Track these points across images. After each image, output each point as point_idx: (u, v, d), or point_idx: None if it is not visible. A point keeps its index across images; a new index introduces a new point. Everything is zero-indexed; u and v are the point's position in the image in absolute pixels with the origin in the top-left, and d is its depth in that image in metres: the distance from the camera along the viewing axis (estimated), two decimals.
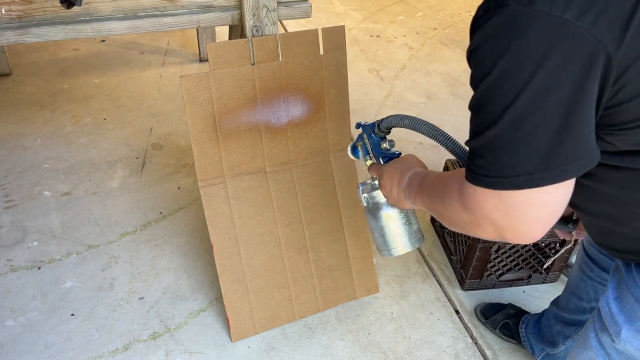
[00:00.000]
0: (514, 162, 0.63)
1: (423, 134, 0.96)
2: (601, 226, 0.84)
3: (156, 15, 1.45)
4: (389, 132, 1.09)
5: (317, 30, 1.50)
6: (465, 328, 1.69)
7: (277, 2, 1.48)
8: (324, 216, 1.66)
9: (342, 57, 1.56)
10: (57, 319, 1.64)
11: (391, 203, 1.05)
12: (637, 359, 0.81)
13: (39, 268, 1.79)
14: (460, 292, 1.80)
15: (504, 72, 0.60)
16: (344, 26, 1.55)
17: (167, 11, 1.47)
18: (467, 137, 0.71)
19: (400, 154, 1.08)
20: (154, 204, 2.06)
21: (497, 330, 1.65)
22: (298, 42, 1.49)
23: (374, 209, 1.11)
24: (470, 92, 0.69)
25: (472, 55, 0.65)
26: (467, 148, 0.72)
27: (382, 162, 1.07)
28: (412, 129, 0.98)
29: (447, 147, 0.93)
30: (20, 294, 1.70)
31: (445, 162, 1.93)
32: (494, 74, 0.61)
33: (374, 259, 1.89)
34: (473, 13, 0.70)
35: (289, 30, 3.35)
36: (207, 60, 2.17)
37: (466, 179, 0.69)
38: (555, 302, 1.47)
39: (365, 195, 1.12)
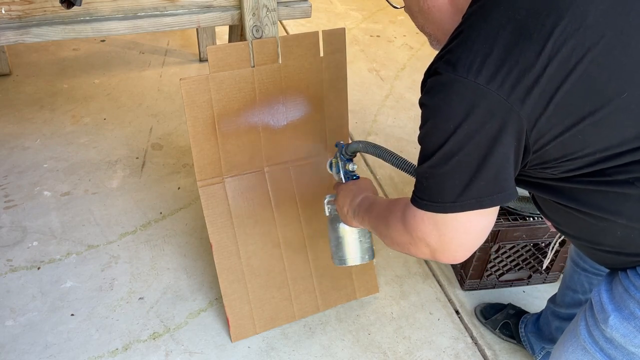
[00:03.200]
0: (441, 190, 0.79)
1: (387, 162, 1.11)
2: (583, 246, 0.92)
3: (156, 15, 1.45)
4: (354, 156, 1.24)
5: (317, 32, 1.50)
6: (465, 328, 1.69)
7: (277, 2, 1.48)
8: (323, 216, 1.66)
9: (342, 59, 1.56)
10: (57, 319, 1.64)
11: (342, 220, 1.20)
12: (623, 346, 0.83)
13: (38, 268, 1.79)
14: (460, 292, 1.80)
15: (437, 122, 0.77)
16: (344, 29, 1.55)
17: (167, 11, 1.47)
18: None
19: (358, 177, 1.23)
20: (154, 204, 2.06)
21: (497, 331, 1.65)
22: (298, 45, 1.49)
23: (334, 221, 1.25)
24: None
25: (420, 106, 0.81)
26: None
27: (343, 181, 1.24)
28: (377, 156, 1.13)
29: (411, 174, 1.06)
30: (20, 294, 1.70)
31: None
32: (430, 122, 0.78)
33: (374, 259, 1.89)
34: None
35: (289, 30, 3.35)
36: (206, 60, 2.17)
37: (410, 201, 0.84)
38: (552, 299, 1.48)
39: (329, 206, 1.28)
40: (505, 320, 1.65)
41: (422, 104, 0.80)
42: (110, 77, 2.81)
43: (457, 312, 1.74)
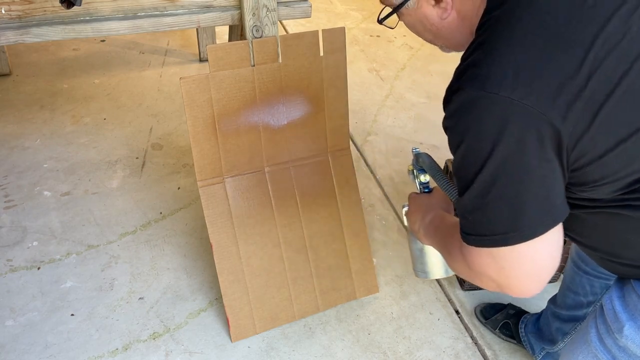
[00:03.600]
0: (489, 222, 0.71)
1: (436, 182, 1.04)
2: (598, 257, 0.88)
3: (156, 15, 1.45)
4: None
5: (317, 31, 1.50)
6: (465, 328, 1.69)
7: (277, 2, 1.48)
8: (323, 216, 1.66)
9: (342, 58, 1.56)
10: (57, 319, 1.64)
11: (413, 234, 1.11)
12: (637, 355, 0.82)
13: (38, 268, 1.79)
14: (460, 292, 1.80)
15: (470, 147, 0.70)
16: (344, 28, 1.55)
17: (167, 11, 1.47)
18: None
19: (431, 190, 1.13)
20: (154, 204, 2.06)
21: (497, 331, 1.65)
22: (298, 44, 1.49)
23: None
24: None
25: (445, 130, 0.74)
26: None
27: (418, 192, 1.14)
28: (431, 176, 1.08)
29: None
30: (20, 294, 1.70)
31: (446, 162, 1.93)
32: (462, 148, 0.71)
33: (374, 259, 1.89)
34: None
35: (289, 29, 3.35)
36: (207, 60, 2.17)
37: (462, 238, 0.77)
38: (552, 300, 1.48)
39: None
40: (505, 320, 1.64)
41: (448, 127, 0.73)
42: (110, 77, 2.81)
43: (457, 312, 1.74)
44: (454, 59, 0.85)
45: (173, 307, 1.70)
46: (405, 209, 1.17)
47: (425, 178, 1.15)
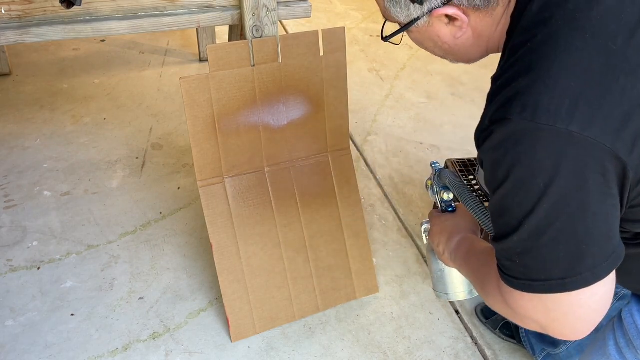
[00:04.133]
0: (542, 267, 0.64)
1: (466, 207, 0.94)
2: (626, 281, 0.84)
3: (156, 15, 1.45)
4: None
5: (317, 31, 1.50)
6: (465, 328, 1.69)
7: (277, 2, 1.48)
8: (323, 216, 1.66)
9: (342, 58, 1.56)
10: (57, 319, 1.64)
11: (437, 256, 1.03)
12: None
13: (38, 268, 1.79)
14: None
15: (519, 183, 0.62)
16: (344, 28, 1.55)
17: (167, 11, 1.47)
18: (467, 136, 0.70)
19: (454, 209, 1.04)
20: (154, 204, 2.06)
21: (497, 330, 1.65)
22: (298, 44, 1.49)
23: (435, 251, 1.07)
24: (470, 93, 0.69)
25: (484, 165, 0.67)
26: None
27: (440, 209, 1.05)
28: (457, 196, 0.97)
29: (487, 229, 0.90)
30: (20, 294, 1.70)
31: (446, 162, 1.93)
32: (509, 184, 0.63)
33: (374, 259, 1.89)
34: None
35: (289, 29, 3.35)
36: (207, 60, 2.17)
37: (503, 280, 0.69)
38: None
39: (427, 234, 1.09)
40: (505, 320, 1.64)
41: (490, 160, 0.65)
42: (110, 77, 2.81)
43: (457, 312, 1.74)
44: None
45: (173, 307, 1.70)
46: (426, 226, 1.09)
47: (448, 196, 1.05)
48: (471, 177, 1.84)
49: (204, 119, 1.44)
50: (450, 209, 1.05)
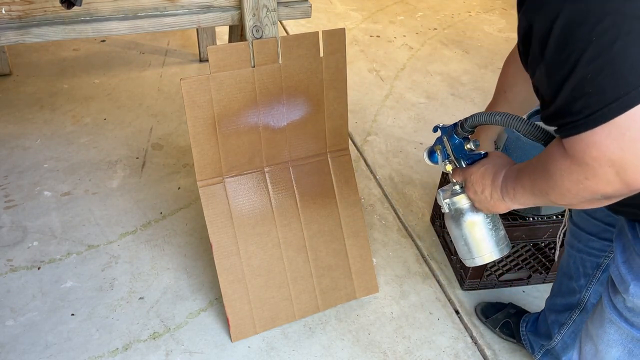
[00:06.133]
0: (618, 80, 0.62)
1: (517, 130, 0.90)
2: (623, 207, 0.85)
3: (156, 16, 1.46)
4: (472, 132, 1.01)
5: (317, 32, 1.50)
6: (465, 328, 1.69)
7: (277, 2, 1.48)
8: (323, 216, 1.66)
9: (341, 59, 1.56)
10: (57, 319, 1.64)
11: (480, 207, 0.98)
12: None
13: (39, 268, 1.79)
14: (460, 292, 1.80)
15: (576, 8, 0.63)
16: (344, 29, 1.55)
17: (167, 11, 1.47)
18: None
19: (486, 153, 0.99)
20: (154, 204, 2.06)
21: (497, 330, 1.65)
22: (298, 45, 1.49)
23: (456, 216, 1.04)
24: (470, 93, 0.69)
25: (524, 10, 0.67)
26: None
27: (464, 165, 1.02)
28: (503, 125, 0.91)
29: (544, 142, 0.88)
30: (20, 294, 1.71)
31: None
32: (561, 20, 0.64)
33: (374, 259, 1.89)
34: (473, 13, 0.72)
35: (289, 30, 3.35)
36: (207, 60, 2.17)
37: (570, 135, 0.68)
38: (549, 296, 1.48)
39: (447, 201, 1.04)
40: (505, 320, 1.65)
41: (532, 1, 0.67)
42: (110, 77, 2.82)
43: (457, 312, 1.74)
44: (454, 59, 0.85)
45: (173, 307, 1.70)
46: (443, 192, 1.04)
47: (475, 143, 1.00)
48: None
49: (204, 119, 1.44)
50: (482, 155, 1.00)
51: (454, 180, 1.04)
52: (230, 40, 2.47)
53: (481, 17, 3.78)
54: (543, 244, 1.72)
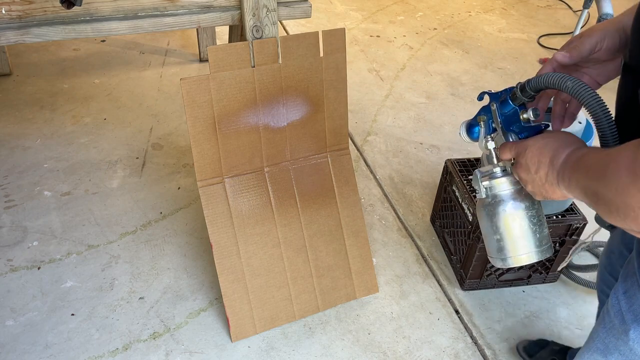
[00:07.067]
0: None
1: (585, 106, 0.75)
2: None
3: (156, 16, 1.46)
4: (533, 98, 0.84)
5: (317, 32, 1.50)
6: (465, 328, 1.70)
7: (277, 2, 1.48)
8: (323, 216, 1.66)
9: (341, 59, 1.56)
10: (57, 319, 1.64)
11: (532, 190, 0.81)
12: None
13: (39, 268, 1.79)
14: (460, 292, 1.80)
15: None
16: (344, 29, 1.55)
17: (167, 11, 1.47)
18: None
19: (547, 125, 0.84)
20: (154, 204, 2.06)
21: None
22: (298, 45, 1.49)
23: (494, 204, 0.87)
24: (470, 93, 0.68)
25: None
26: None
27: (514, 139, 0.85)
28: (573, 95, 0.75)
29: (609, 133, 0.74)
30: (20, 294, 1.71)
31: (445, 162, 1.93)
32: None
33: (374, 259, 1.89)
34: (473, 13, 0.69)
35: (289, 30, 3.35)
36: (207, 60, 2.17)
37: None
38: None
39: (485, 183, 0.87)
40: (552, 357, 1.57)
41: None
42: (110, 77, 2.82)
43: (457, 311, 1.75)
44: (454, 59, 0.85)
45: (173, 307, 1.70)
46: (481, 174, 0.88)
47: (534, 113, 0.84)
48: (471, 177, 1.84)
49: (204, 119, 1.44)
50: (542, 127, 0.85)
51: (494, 162, 0.88)
52: (230, 40, 2.47)
53: (481, 17, 3.78)
54: None
